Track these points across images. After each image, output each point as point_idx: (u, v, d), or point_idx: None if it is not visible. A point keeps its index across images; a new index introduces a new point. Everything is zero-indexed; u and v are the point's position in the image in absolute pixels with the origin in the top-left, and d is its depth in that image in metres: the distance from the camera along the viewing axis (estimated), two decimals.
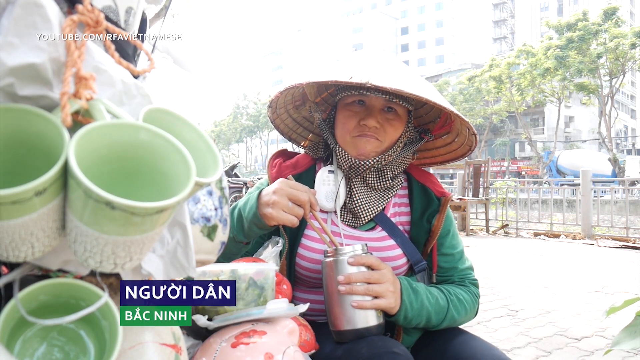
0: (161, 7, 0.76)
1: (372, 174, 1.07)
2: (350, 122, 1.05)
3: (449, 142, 1.19)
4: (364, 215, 1.06)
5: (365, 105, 1.05)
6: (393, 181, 1.09)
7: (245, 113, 54.12)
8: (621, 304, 0.77)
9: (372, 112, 1.04)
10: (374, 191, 1.08)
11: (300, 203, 0.95)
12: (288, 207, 0.94)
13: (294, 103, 1.18)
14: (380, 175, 1.07)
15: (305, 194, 0.95)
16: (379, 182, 1.07)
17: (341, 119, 1.08)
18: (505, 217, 8.57)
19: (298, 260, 1.05)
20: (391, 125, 1.05)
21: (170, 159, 0.44)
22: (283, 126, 1.23)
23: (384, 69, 1.02)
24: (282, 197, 0.93)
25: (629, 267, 4.82)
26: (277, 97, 1.11)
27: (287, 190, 0.94)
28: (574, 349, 2.48)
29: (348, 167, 1.05)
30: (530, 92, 26.43)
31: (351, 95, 1.05)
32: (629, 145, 44.54)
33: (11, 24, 0.39)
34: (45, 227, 0.41)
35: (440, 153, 1.23)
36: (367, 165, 1.04)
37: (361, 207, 1.06)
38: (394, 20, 65.62)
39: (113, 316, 0.48)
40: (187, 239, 0.52)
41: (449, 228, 1.10)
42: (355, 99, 1.06)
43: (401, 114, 1.06)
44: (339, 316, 0.91)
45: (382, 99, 1.04)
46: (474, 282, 1.11)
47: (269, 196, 0.95)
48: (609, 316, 0.78)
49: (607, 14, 22.05)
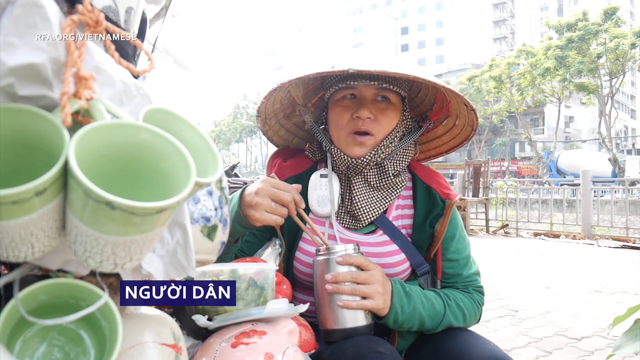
0: (161, 7, 0.76)
1: (373, 170, 1.04)
2: (343, 117, 1.03)
3: (451, 127, 1.14)
4: (365, 217, 1.03)
5: (357, 98, 1.03)
6: (396, 178, 1.06)
7: (245, 113, 54.14)
8: (625, 313, 0.77)
9: (364, 103, 1.01)
10: (376, 191, 1.05)
11: (283, 203, 0.92)
12: (271, 207, 0.91)
13: (284, 112, 1.16)
14: (381, 172, 1.04)
15: (287, 193, 0.92)
16: (381, 180, 1.04)
17: (333, 116, 1.05)
18: (505, 217, 8.56)
19: (295, 264, 1.05)
20: (385, 115, 1.02)
21: (170, 159, 0.44)
22: (277, 138, 1.20)
23: (367, 56, 1.00)
24: (264, 198, 0.90)
25: (629, 267, 4.82)
26: (264, 104, 1.08)
27: (270, 191, 0.91)
28: (574, 349, 2.48)
29: (346, 167, 1.03)
30: (530, 92, 26.43)
31: (340, 90, 1.03)
32: (629, 145, 44.51)
33: (11, 24, 0.39)
34: (45, 227, 0.41)
35: (444, 141, 1.18)
36: (365, 162, 1.01)
37: (362, 208, 1.03)
38: (394, 20, 65.60)
39: (113, 316, 0.48)
40: (187, 239, 0.52)
41: (454, 232, 1.05)
42: (345, 93, 1.03)
43: (395, 102, 1.04)
44: (328, 315, 0.91)
45: (372, 88, 1.02)
46: (479, 289, 1.07)
47: (251, 197, 0.91)
48: (608, 315, 0.78)
49: (607, 14, 22.05)
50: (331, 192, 1.05)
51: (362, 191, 1.04)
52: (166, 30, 0.73)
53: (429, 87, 1.13)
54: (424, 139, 1.20)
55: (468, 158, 10.37)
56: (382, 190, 1.06)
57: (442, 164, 27.69)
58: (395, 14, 66.05)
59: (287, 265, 1.06)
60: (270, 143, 1.24)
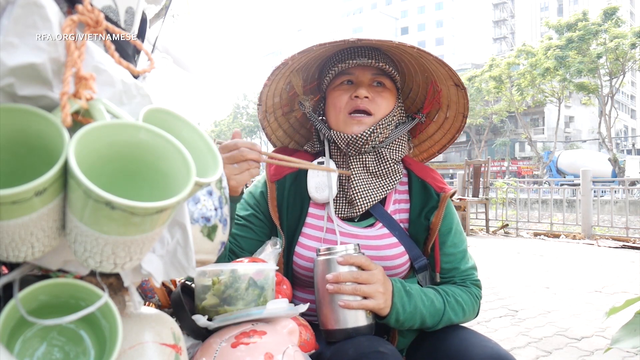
0: (161, 7, 0.76)
1: (371, 156, 1.06)
2: (341, 100, 1.07)
3: (442, 123, 1.18)
4: (361, 202, 1.04)
5: (354, 83, 1.08)
6: (394, 165, 1.08)
7: (245, 113, 54.13)
8: (622, 304, 0.76)
9: (361, 86, 1.06)
10: (374, 177, 1.07)
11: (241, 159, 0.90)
12: (236, 168, 0.89)
13: (282, 109, 1.18)
14: (379, 158, 1.07)
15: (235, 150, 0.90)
16: (379, 166, 1.06)
17: (332, 100, 1.09)
18: (505, 217, 8.57)
19: (295, 259, 1.05)
20: (382, 97, 1.07)
21: (170, 159, 0.44)
22: (274, 138, 1.23)
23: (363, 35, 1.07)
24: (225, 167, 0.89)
25: (629, 267, 4.82)
26: (267, 86, 1.10)
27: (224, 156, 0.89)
28: (574, 349, 2.48)
29: (346, 144, 1.05)
30: (530, 92, 26.40)
31: (338, 77, 1.08)
32: (629, 145, 44.52)
33: (11, 24, 0.39)
34: (45, 227, 0.41)
35: (436, 140, 1.22)
36: (364, 138, 1.03)
37: (359, 193, 1.04)
38: (394, 20, 65.59)
39: (113, 316, 0.48)
40: (187, 239, 0.52)
41: (450, 225, 1.08)
42: (343, 79, 1.08)
43: (390, 88, 1.09)
44: (328, 315, 0.91)
45: (369, 73, 1.07)
46: (476, 283, 1.08)
47: None
48: (609, 317, 0.78)
49: (607, 14, 22.03)
50: (329, 178, 1.06)
51: (360, 176, 1.06)
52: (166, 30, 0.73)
53: (419, 82, 1.17)
54: (417, 140, 1.23)
55: (468, 158, 10.38)
56: (380, 178, 1.07)
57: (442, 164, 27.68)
58: (395, 14, 66.06)
59: (287, 261, 1.06)
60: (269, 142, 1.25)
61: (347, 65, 1.07)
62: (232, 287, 0.81)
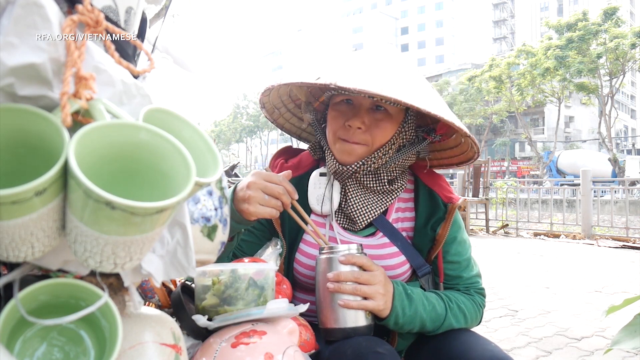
0: (161, 7, 0.76)
1: (367, 175, 1.02)
2: (336, 123, 1.01)
3: (459, 143, 1.08)
4: (361, 219, 1.02)
5: (353, 104, 1.00)
6: (391, 185, 1.04)
7: (245, 113, 54.09)
8: (621, 303, 0.77)
9: (359, 111, 0.98)
10: (372, 193, 1.04)
11: (275, 195, 0.90)
12: (264, 200, 0.89)
13: (294, 102, 1.16)
14: (375, 178, 1.02)
15: (279, 186, 0.91)
16: (376, 185, 1.03)
17: (329, 119, 1.04)
18: (505, 217, 8.57)
19: (296, 265, 1.05)
20: (379, 127, 0.98)
21: (170, 159, 0.44)
22: (288, 125, 1.20)
23: (357, 68, 0.95)
24: (256, 191, 0.89)
25: (629, 267, 4.82)
26: (266, 97, 1.09)
27: (261, 184, 0.90)
28: (574, 349, 2.48)
29: (334, 171, 1.02)
30: (530, 92, 26.39)
31: (338, 95, 1.01)
32: (629, 145, 44.52)
33: (11, 24, 0.39)
34: (45, 227, 0.41)
35: (455, 154, 1.11)
36: (351, 170, 1.00)
37: (357, 210, 1.02)
38: (394, 20, 65.60)
39: (113, 316, 0.48)
40: (187, 239, 0.52)
41: (455, 235, 1.05)
42: (342, 98, 1.01)
43: (393, 113, 0.99)
44: (328, 314, 0.91)
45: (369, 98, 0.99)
46: (480, 291, 1.07)
47: (244, 191, 0.90)
48: (608, 315, 0.78)
49: (607, 14, 22.02)
50: (330, 191, 1.04)
51: (356, 194, 1.03)
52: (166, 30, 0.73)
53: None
54: (437, 147, 1.13)
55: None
56: (380, 194, 1.04)
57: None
58: (395, 14, 66.06)
59: (288, 267, 1.06)
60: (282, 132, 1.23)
61: (342, 92, 0.99)
62: (232, 287, 0.81)
